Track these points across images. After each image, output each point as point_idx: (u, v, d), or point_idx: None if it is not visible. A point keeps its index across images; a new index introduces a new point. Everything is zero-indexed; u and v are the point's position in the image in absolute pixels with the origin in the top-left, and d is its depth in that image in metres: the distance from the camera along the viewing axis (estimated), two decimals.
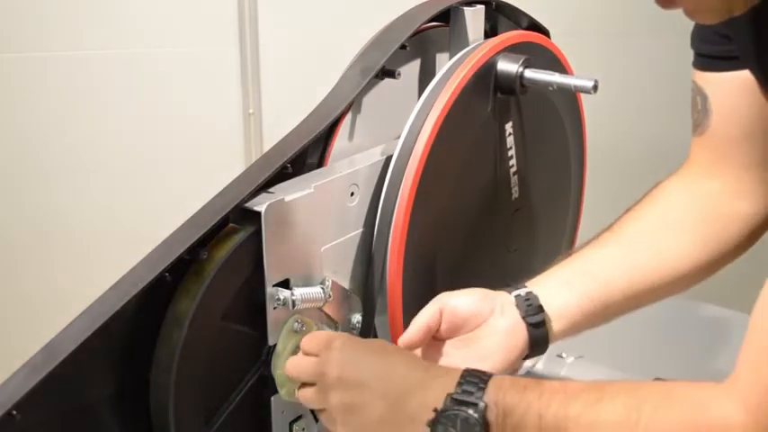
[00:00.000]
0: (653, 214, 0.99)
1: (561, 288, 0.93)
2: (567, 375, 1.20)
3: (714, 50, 0.94)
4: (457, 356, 0.89)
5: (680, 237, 0.98)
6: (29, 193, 2.11)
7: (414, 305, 0.95)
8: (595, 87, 0.91)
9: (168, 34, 2.10)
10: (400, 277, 0.92)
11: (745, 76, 0.91)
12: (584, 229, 1.10)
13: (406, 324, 0.94)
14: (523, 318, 0.90)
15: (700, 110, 0.97)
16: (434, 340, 0.90)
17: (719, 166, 0.98)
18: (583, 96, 1.14)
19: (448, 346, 0.90)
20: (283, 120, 0.91)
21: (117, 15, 2.06)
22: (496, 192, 1.03)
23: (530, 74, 0.97)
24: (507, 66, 0.96)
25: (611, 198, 1.26)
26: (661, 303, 1.54)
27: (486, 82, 0.97)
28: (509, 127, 1.02)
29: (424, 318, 0.89)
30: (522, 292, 0.91)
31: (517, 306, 0.91)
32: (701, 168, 0.99)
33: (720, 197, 0.98)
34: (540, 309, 0.91)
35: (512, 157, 1.04)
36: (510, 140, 1.03)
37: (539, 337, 0.91)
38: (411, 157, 0.91)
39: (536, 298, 0.91)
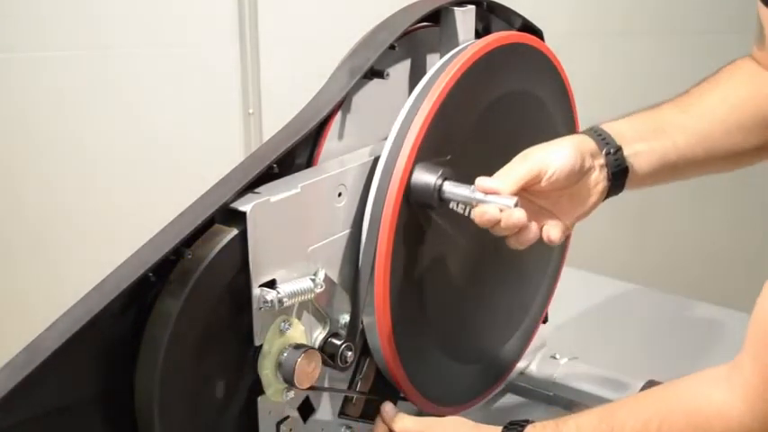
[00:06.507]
0: (734, 93, 1.04)
1: (645, 155, 0.99)
2: (561, 376, 1.20)
3: None
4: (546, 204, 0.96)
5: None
6: (28, 193, 2.11)
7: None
8: (516, 204, 0.88)
9: (168, 34, 2.10)
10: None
11: None
12: (583, 226, 1.09)
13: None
14: (609, 177, 0.97)
15: (758, 34, 1.02)
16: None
17: None
18: (580, 96, 1.14)
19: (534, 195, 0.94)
20: (283, 120, 0.91)
21: (117, 15, 2.07)
22: None
23: (449, 189, 0.92)
24: (424, 177, 0.91)
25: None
26: (655, 302, 1.55)
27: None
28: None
29: (521, 178, 0.91)
30: (611, 149, 0.96)
31: (606, 165, 0.96)
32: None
33: None
34: (626, 171, 0.97)
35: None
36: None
37: (616, 190, 0.99)
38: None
39: (623, 157, 0.97)
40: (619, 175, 0.97)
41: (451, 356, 1.05)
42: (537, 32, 1.11)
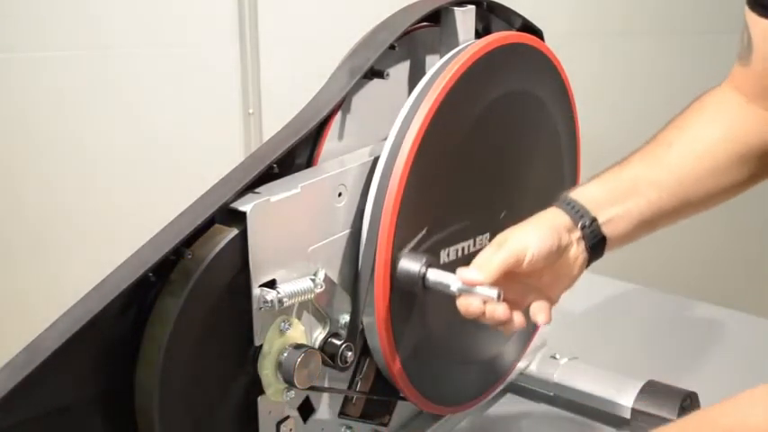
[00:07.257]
0: (704, 135, 1.03)
1: (620, 220, 0.98)
2: (561, 376, 1.20)
3: None
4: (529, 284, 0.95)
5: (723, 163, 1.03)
6: (28, 193, 2.11)
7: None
8: (499, 297, 0.89)
9: (168, 34, 2.10)
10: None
11: None
12: None
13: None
14: (588, 250, 0.97)
15: (745, 45, 1.00)
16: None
17: (759, 100, 1.02)
18: (580, 96, 1.14)
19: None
20: (283, 120, 0.91)
21: (117, 15, 2.07)
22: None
23: (432, 278, 0.93)
24: (408, 266, 0.93)
25: None
26: (655, 302, 1.55)
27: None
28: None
29: (501, 266, 0.90)
30: (586, 222, 0.96)
31: (583, 238, 0.96)
32: (744, 95, 1.03)
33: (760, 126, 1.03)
34: (603, 240, 0.97)
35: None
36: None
37: (596, 257, 0.99)
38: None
39: (599, 228, 0.96)
40: (597, 246, 0.97)
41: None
42: (537, 32, 1.11)
